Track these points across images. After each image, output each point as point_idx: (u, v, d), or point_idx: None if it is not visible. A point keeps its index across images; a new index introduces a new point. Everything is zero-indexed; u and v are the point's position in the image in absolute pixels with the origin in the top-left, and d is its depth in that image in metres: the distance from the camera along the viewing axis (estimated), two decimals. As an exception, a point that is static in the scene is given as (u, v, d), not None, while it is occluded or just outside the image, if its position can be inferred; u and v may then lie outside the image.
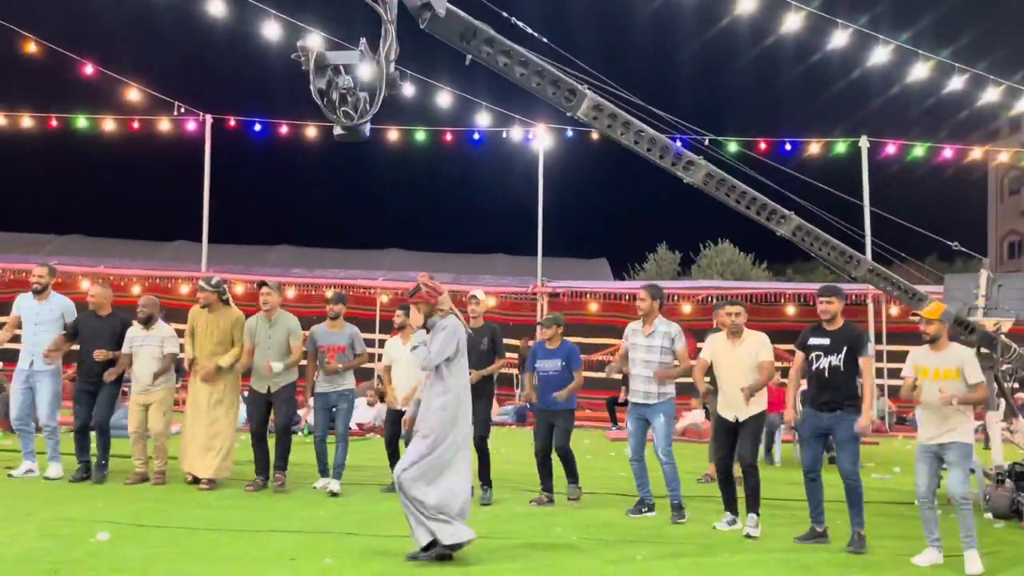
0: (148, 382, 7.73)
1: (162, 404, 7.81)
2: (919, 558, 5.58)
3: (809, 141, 15.77)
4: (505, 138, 15.81)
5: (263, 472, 7.69)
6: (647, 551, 5.56)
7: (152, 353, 7.77)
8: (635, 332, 7.10)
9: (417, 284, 5.46)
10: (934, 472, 5.73)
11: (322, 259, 22.55)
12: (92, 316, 8.00)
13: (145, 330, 7.85)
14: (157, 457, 7.71)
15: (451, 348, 5.34)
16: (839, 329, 6.19)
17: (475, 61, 4.86)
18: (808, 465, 6.20)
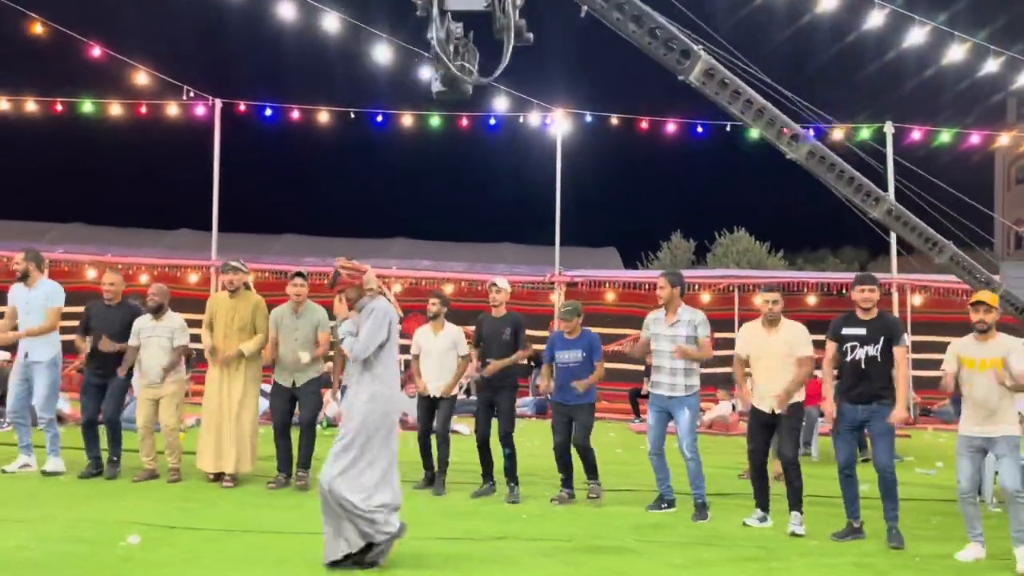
0: (157, 376, 7.39)
1: (173, 398, 7.48)
2: (962, 554, 5.42)
3: (834, 126, 15.40)
4: (521, 123, 15.42)
5: (286, 468, 7.36)
6: (709, 554, 5.26)
7: (161, 344, 7.43)
8: (657, 321, 6.78)
9: (335, 270, 5.09)
10: (977, 466, 5.57)
11: (328, 248, 22.17)
12: (102, 305, 7.64)
13: (155, 320, 7.51)
14: (170, 454, 7.37)
15: (382, 333, 4.97)
16: (875, 319, 5.94)
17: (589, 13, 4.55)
18: (844, 460, 5.95)
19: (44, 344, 7.57)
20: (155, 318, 7.52)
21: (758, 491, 6.35)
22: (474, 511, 6.47)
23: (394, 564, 4.87)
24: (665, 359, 6.66)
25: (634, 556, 5.20)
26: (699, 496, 6.56)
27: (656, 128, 15.61)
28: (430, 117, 15.47)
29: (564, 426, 6.99)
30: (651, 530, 5.92)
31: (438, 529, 5.78)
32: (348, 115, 15.54)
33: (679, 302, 6.76)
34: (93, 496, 6.59)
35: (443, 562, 4.97)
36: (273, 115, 15.66)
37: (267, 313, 7.53)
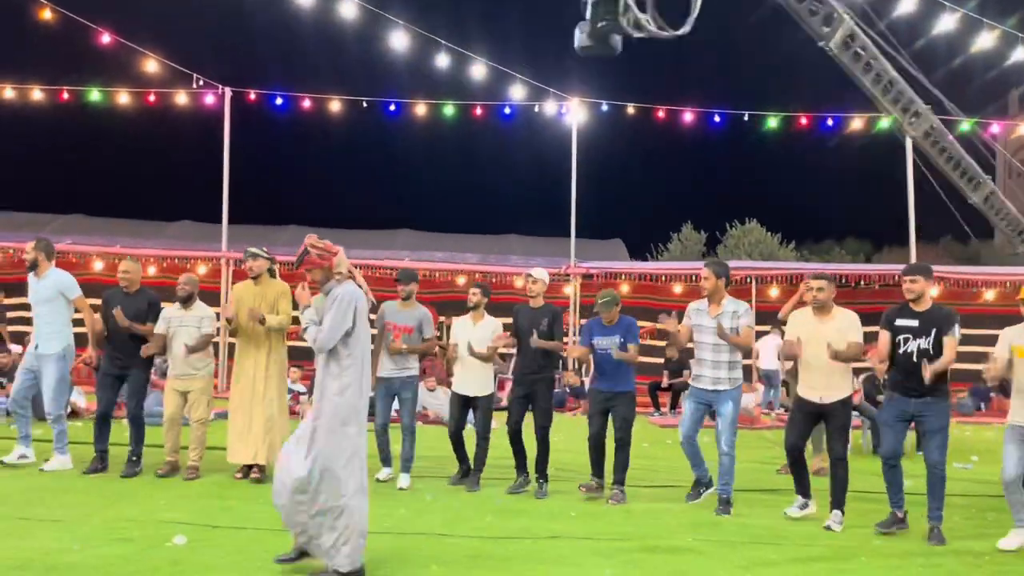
0: (186, 366, 7.26)
1: (204, 392, 7.33)
2: (1005, 541, 5.38)
3: (851, 116, 15.24)
4: (535, 113, 15.24)
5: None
6: (774, 554, 5.10)
7: (191, 335, 7.28)
8: (700, 312, 6.64)
9: (304, 247, 4.73)
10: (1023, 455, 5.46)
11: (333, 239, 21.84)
12: (120, 294, 7.43)
13: (184, 310, 7.37)
14: (194, 449, 7.19)
15: (348, 321, 4.60)
16: (927, 311, 5.81)
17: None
18: (889, 451, 5.84)
19: (55, 336, 7.37)
20: (184, 308, 7.38)
21: (798, 479, 6.26)
22: (520, 508, 6.29)
23: (453, 562, 4.69)
24: (708, 351, 6.53)
25: (696, 556, 5.03)
26: (726, 492, 6.43)
27: (672, 118, 15.44)
28: (444, 106, 15.26)
29: (602, 416, 6.83)
30: (709, 529, 5.75)
31: (490, 527, 5.62)
32: (360, 104, 15.32)
33: (723, 293, 6.63)
34: (127, 494, 6.40)
35: (503, 563, 4.79)
36: (284, 104, 15.43)
37: (292, 299, 7.35)
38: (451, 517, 5.94)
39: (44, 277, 7.43)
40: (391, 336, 7.24)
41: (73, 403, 10.83)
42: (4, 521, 5.40)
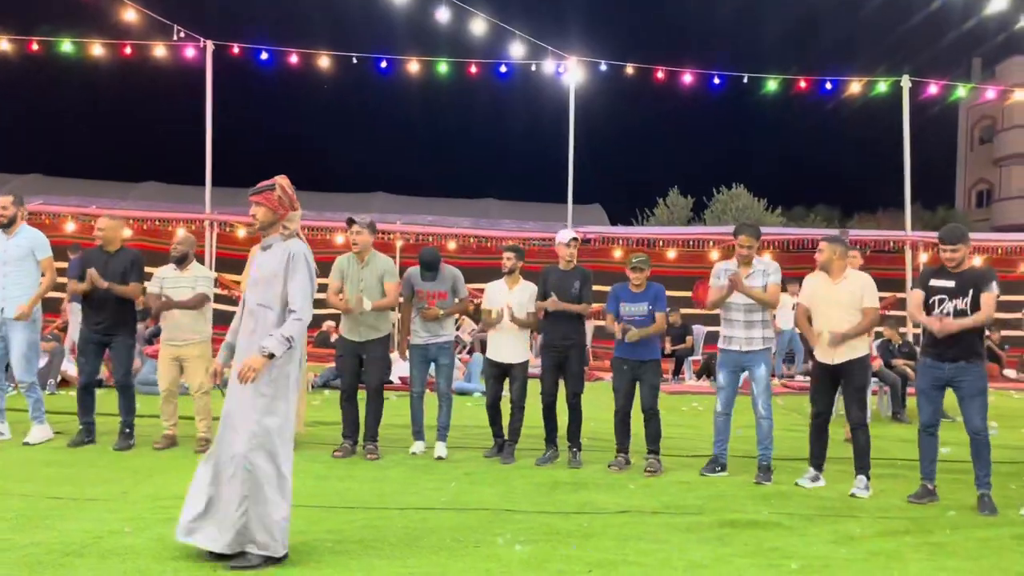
0: (181, 331, 6.84)
1: (202, 358, 6.91)
2: None
3: (850, 80, 15.13)
4: (532, 72, 14.82)
5: (352, 435, 6.88)
6: (857, 527, 4.93)
7: (187, 296, 6.86)
8: (729, 272, 6.44)
9: (273, 182, 4.22)
10: None
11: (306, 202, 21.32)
12: (99, 252, 6.93)
13: (179, 271, 6.94)
14: (201, 419, 6.84)
15: (314, 283, 4.22)
16: (965, 271, 5.68)
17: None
18: (927, 419, 5.72)
19: (25, 299, 6.87)
20: (180, 269, 6.95)
21: (817, 450, 6.16)
22: (572, 481, 6.06)
23: (534, 540, 4.44)
24: (740, 312, 6.38)
25: (782, 531, 4.84)
26: (766, 458, 6.31)
27: (668, 80, 15.13)
28: (438, 64, 14.76)
29: (628, 385, 6.61)
30: (780, 500, 5.58)
31: (554, 502, 5.39)
32: (350, 60, 14.74)
33: (754, 254, 6.48)
34: (154, 469, 6.04)
35: (587, 540, 4.54)
36: (269, 59, 14.79)
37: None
38: (505, 491, 5.69)
39: (15, 235, 6.92)
40: (424, 303, 6.91)
41: (64, 372, 10.34)
42: (37, 501, 5.01)
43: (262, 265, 4.22)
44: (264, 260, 4.23)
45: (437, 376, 7.09)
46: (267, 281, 4.15)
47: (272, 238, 4.25)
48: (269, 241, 4.26)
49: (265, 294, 4.15)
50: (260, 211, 4.20)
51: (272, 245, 4.25)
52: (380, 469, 6.32)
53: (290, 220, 4.23)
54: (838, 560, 4.31)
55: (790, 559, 4.29)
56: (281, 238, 4.24)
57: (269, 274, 4.16)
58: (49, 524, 4.52)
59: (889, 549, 4.53)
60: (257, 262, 4.27)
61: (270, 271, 4.16)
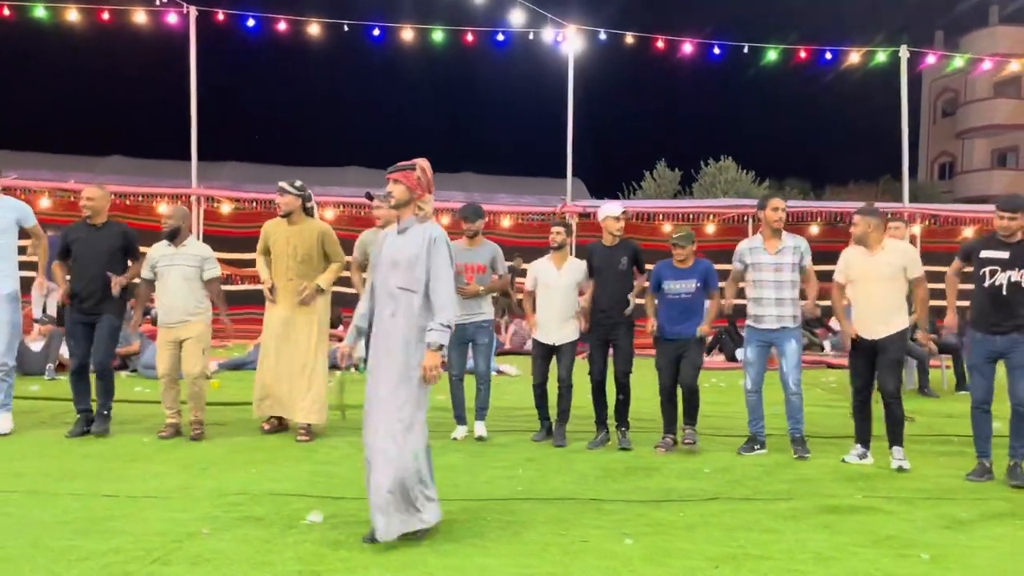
0: (181, 313, 6.38)
1: (200, 341, 6.45)
2: None
3: (849, 50, 14.99)
4: (523, 42, 14.42)
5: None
6: (960, 510, 4.77)
7: (185, 275, 6.39)
8: (755, 250, 6.30)
9: (413, 162, 4.23)
10: None
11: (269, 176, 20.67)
12: (85, 226, 6.46)
13: (173, 247, 6.46)
14: (194, 405, 6.41)
15: (453, 269, 4.27)
16: (1020, 243, 5.52)
17: None
18: (981, 396, 5.61)
19: (5, 275, 6.40)
20: (173, 244, 6.46)
21: (863, 427, 6.05)
22: (640, 466, 5.82)
23: (640, 533, 4.19)
24: (770, 289, 6.21)
25: (887, 516, 4.66)
26: (798, 431, 6.23)
27: (667, 50, 14.83)
28: (432, 31, 14.26)
29: (672, 365, 6.38)
30: (865, 482, 5.41)
31: (636, 490, 5.15)
32: (341, 28, 14.16)
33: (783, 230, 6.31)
34: (207, 460, 5.65)
35: (692, 531, 4.31)
36: (256, 26, 14.15)
37: (336, 239, 6.68)
38: (577, 478, 5.43)
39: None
40: (463, 278, 6.59)
41: (61, 356, 9.79)
42: (91, 500, 4.61)
43: (400, 248, 4.20)
44: (402, 243, 4.22)
45: (476, 356, 6.80)
46: (409, 264, 4.15)
47: (407, 220, 4.25)
48: (405, 224, 4.26)
49: (407, 277, 4.15)
50: (398, 189, 4.20)
51: (408, 228, 4.24)
52: (435, 456, 6.00)
53: (425, 202, 4.26)
54: (962, 547, 4.13)
55: (914, 548, 4.10)
56: (417, 220, 4.25)
57: (411, 257, 4.16)
58: (118, 527, 4.15)
59: (1007, 534, 4.38)
60: (392, 244, 4.25)
61: (411, 254, 4.16)
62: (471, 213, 6.82)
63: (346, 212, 14.97)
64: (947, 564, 3.90)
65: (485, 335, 6.77)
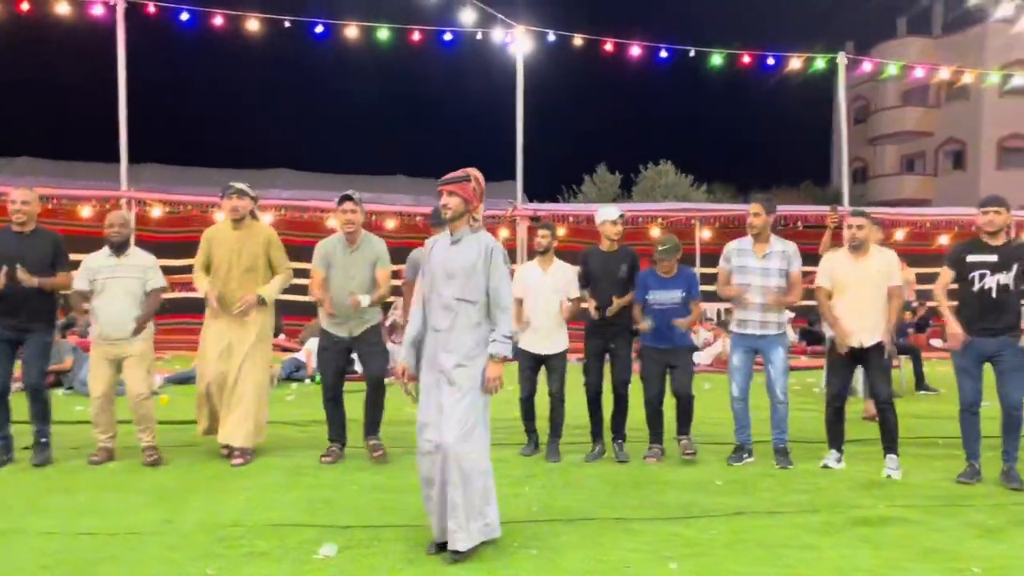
0: (123, 330, 5.81)
1: (143, 359, 5.92)
2: None
3: (790, 56, 15.19)
4: (477, 41, 14.13)
5: (340, 438, 6.11)
6: (984, 517, 4.70)
7: (128, 288, 5.87)
8: (743, 252, 6.14)
9: (467, 173, 4.21)
10: None
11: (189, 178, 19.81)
12: (11, 234, 5.89)
13: (116, 258, 5.92)
14: (143, 429, 5.87)
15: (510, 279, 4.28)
16: (1006, 245, 5.58)
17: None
18: (971, 398, 5.61)
19: None
20: (116, 255, 5.93)
21: (834, 432, 6.02)
22: (655, 480, 5.58)
23: (688, 555, 3.95)
24: (756, 294, 6.04)
25: (915, 526, 4.54)
26: (782, 441, 6.11)
27: (610, 53, 14.75)
28: (378, 30, 13.80)
29: (660, 375, 6.20)
30: (880, 490, 5.29)
31: (656, 506, 4.90)
32: (282, 24, 13.56)
33: (770, 232, 6.14)
34: (182, 489, 5.14)
35: (734, 550, 4.10)
36: (191, 20, 13.42)
37: (282, 246, 6.23)
38: (588, 495, 5.16)
39: None
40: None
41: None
42: (68, 540, 4.10)
43: (455, 258, 4.14)
44: (456, 253, 4.16)
45: None
46: (466, 274, 4.11)
47: (462, 231, 4.19)
48: (459, 235, 4.19)
49: (465, 288, 4.11)
50: (454, 201, 4.14)
51: (462, 238, 4.19)
52: (388, 474, 5.62)
53: (478, 212, 4.21)
54: (1007, 558, 4.04)
55: (962, 561, 3.98)
56: (470, 231, 4.20)
57: (467, 267, 4.12)
58: (109, 572, 3.67)
59: None
60: (447, 256, 4.17)
61: (468, 264, 4.12)
62: (439, 218, 6.42)
63: (287, 216, 14.35)
64: None
65: None
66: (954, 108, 39.94)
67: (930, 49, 41.20)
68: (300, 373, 10.15)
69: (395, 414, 6.63)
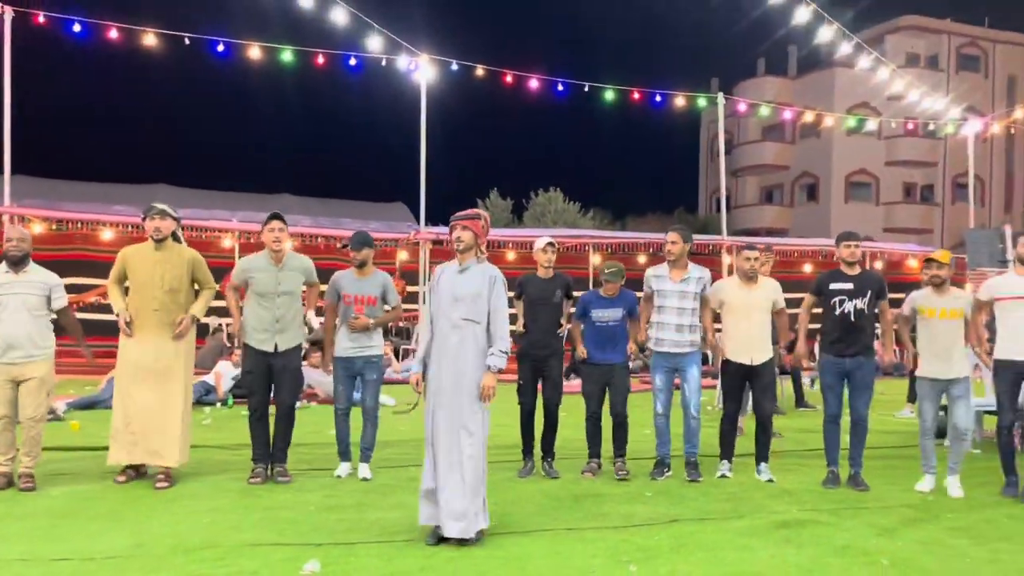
0: (25, 349, 5.76)
1: (44, 383, 5.87)
2: (920, 485, 6.27)
3: (675, 94, 16.23)
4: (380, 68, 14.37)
5: (264, 459, 6.23)
6: (883, 519, 5.38)
7: (28, 304, 5.80)
8: (661, 278, 6.74)
9: (478, 212, 5.03)
10: (939, 406, 6.40)
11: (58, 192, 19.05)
12: None
13: (14, 274, 5.85)
14: (28, 453, 5.79)
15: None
16: (861, 274, 6.50)
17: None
18: (834, 411, 6.44)
19: None
20: (14, 271, 5.86)
21: (729, 443, 6.72)
22: (591, 493, 6.02)
23: (637, 559, 4.39)
24: (672, 315, 6.62)
25: (830, 528, 5.16)
26: (694, 455, 6.68)
27: (508, 85, 15.34)
28: (282, 51, 13.82)
29: (600, 391, 6.73)
30: (790, 498, 5.93)
31: (600, 516, 5.33)
32: (182, 40, 13.35)
33: (687, 259, 6.76)
34: (126, 514, 5.16)
35: (677, 553, 4.57)
36: (83, 32, 13.03)
37: (207, 265, 6.31)
38: (536, 509, 5.51)
39: None
40: (352, 310, 6.41)
41: None
42: (41, 567, 4.11)
43: (462, 284, 4.84)
44: (463, 280, 4.87)
45: (363, 392, 6.57)
46: (472, 299, 4.82)
47: (469, 261, 4.90)
48: (467, 265, 4.90)
49: (471, 310, 4.81)
50: (467, 235, 4.86)
51: (470, 268, 4.90)
52: (382, 495, 5.87)
53: (482, 246, 4.95)
54: (907, 552, 4.70)
55: (873, 555, 4.61)
56: (476, 261, 4.92)
57: (473, 293, 4.82)
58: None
59: (935, 537, 5.01)
60: (455, 282, 4.87)
61: (473, 290, 4.82)
62: (357, 242, 6.56)
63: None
64: (906, 568, 4.42)
65: (374, 370, 6.51)
66: (808, 144, 43.08)
67: (786, 88, 44.39)
68: (210, 397, 10.04)
69: (319, 436, 6.79)
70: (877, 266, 18.03)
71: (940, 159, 42.14)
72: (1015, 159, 44.31)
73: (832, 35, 14.15)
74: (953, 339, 6.27)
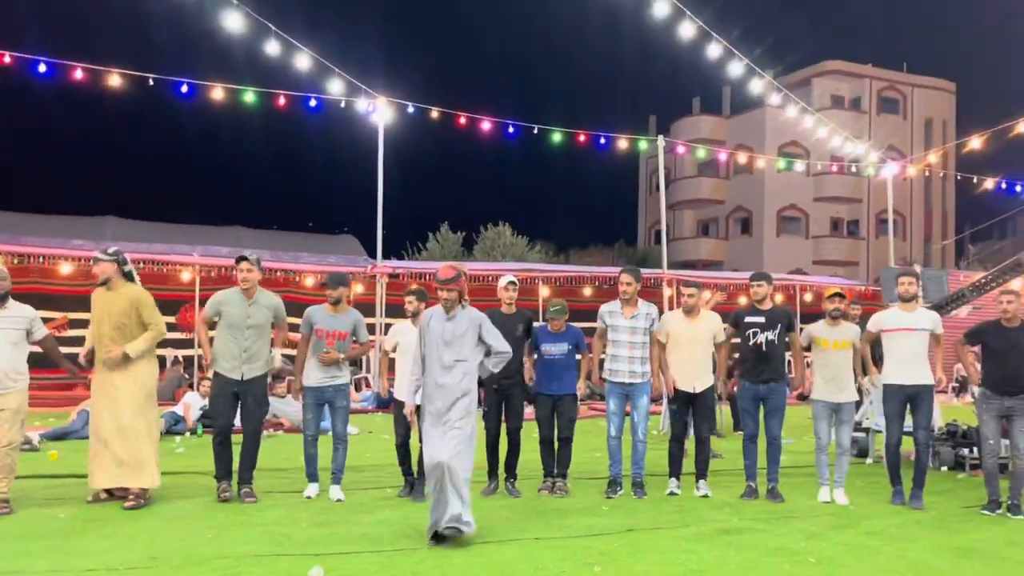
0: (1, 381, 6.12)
1: (18, 413, 6.26)
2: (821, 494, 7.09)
3: (619, 136, 17.19)
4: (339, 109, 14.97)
5: (228, 478, 6.74)
6: (811, 526, 6.14)
7: (9, 338, 6.20)
8: (614, 314, 7.39)
9: (458, 272, 5.74)
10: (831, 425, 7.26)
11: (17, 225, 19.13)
12: None
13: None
14: (3, 479, 6.14)
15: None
16: (772, 309, 7.39)
17: None
18: (752, 431, 7.27)
19: None
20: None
21: (677, 462, 7.45)
22: (555, 508, 6.68)
23: (603, 562, 5.04)
24: (625, 348, 7.28)
25: (765, 534, 5.89)
26: (640, 476, 7.37)
27: (458, 125, 16.07)
28: (244, 92, 14.32)
29: (549, 418, 7.40)
30: (731, 510, 6.68)
31: (564, 527, 5.97)
32: (146, 81, 13.76)
33: (637, 297, 7.43)
34: (133, 532, 5.62)
35: (636, 556, 5.23)
36: (49, 72, 13.35)
37: (153, 305, 6.71)
38: (504, 524, 6.12)
39: None
40: (324, 344, 6.97)
41: None
42: (75, 576, 4.57)
43: (451, 330, 5.70)
44: (452, 326, 5.72)
45: (333, 418, 7.07)
46: (460, 342, 5.69)
47: (456, 311, 5.73)
48: (454, 314, 5.73)
49: (460, 351, 5.69)
50: (452, 295, 5.69)
51: (457, 316, 5.73)
52: (361, 512, 6.41)
53: (466, 293, 5.79)
54: (830, 553, 5.46)
55: (801, 555, 5.36)
56: (462, 308, 5.76)
57: (460, 336, 5.69)
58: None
59: (854, 540, 5.78)
60: (443, 328, 5.72)
61: (460, 333, 5.70)
62: (334, 281, 7.15)
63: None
64: (830, 565, 5.17)
65: (343, 398, 7.09)
66: (741, 180, 44.84)
67: (721, 126, 46.26)
68: (180, 427, 10.41)
69: (289, 462, 7.30)
70: (807, 298, 19.18)
71: (864, 196, 44.34)
72: (932, 196, 46.84)
73: (762, 85, 15.24)
74: (843, 367, 7.18)
